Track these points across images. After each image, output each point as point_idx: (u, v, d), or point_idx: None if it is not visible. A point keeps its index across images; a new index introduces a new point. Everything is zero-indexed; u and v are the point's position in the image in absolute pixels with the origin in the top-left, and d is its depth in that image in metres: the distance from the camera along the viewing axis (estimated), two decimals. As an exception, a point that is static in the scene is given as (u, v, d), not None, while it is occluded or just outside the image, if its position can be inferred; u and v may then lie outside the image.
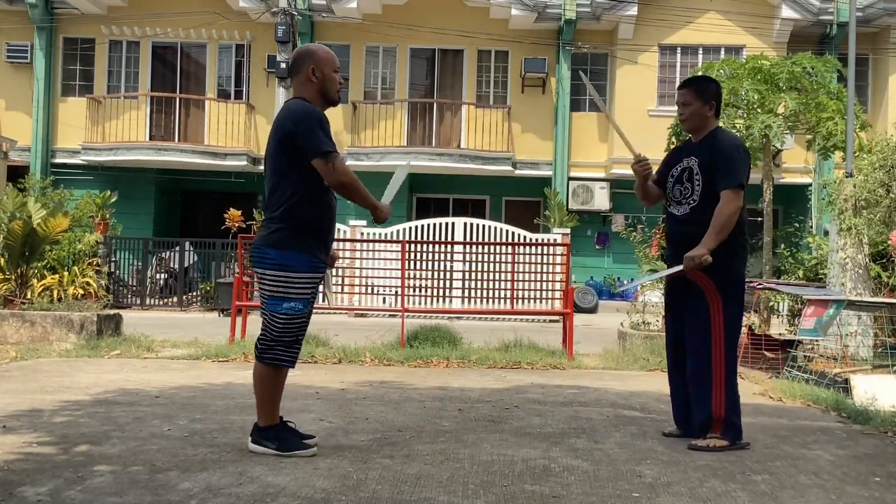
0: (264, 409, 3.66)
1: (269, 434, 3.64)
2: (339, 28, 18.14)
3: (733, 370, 4.06)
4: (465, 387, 5.95)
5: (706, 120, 4.18)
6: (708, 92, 4.19)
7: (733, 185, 3.97)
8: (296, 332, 3.63)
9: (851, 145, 9.45)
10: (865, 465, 3.77)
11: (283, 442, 3.62)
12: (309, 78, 3.66)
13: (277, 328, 3.59)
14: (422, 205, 19.38)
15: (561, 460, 3.69)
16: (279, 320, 3.58)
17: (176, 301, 15.37)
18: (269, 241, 3.59)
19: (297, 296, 3.58)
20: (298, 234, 3.57)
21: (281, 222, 3.57)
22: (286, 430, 3.70)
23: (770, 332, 8.90)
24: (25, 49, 18.07)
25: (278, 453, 3.59)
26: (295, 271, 3.57)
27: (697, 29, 17.33)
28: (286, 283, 3.57)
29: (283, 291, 3.57)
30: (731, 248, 4.01)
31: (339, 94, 3.80)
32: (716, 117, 4.22)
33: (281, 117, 3.63)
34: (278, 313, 3.58)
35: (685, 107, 4.21)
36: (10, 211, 9.04)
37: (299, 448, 3.63)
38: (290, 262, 3.56)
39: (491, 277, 10.29)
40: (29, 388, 5.40)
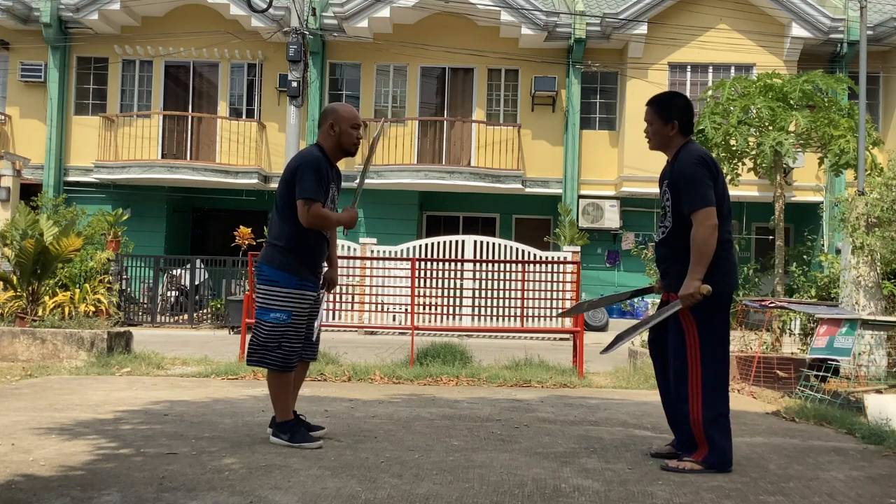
0: (277, 406, 4.25)
1: (283, 428, 4.21)
2: (351, 47, 18.25)
3: (717, 390, 3.89)
4: (475, 405, 5.91)
5: (669, 139, 4.08)
6: (669, 110, 4.06)
7: (699, 207, 3.81)
8: (278, 339, 4.15)
9: (863, 163, 9.41)
10: (880, 487, 3.72)
11: (294, 435, 4.19)
12: (328, 131, 4.28)
13: (263, 334, 4.17)
14: (432, 222, 19.39)
15: (571, 480, 3.66)
16: (265, 327, 4.16)
17: (186, 318, 15.39)
18: (265, 259, 4.23)
19: (280, 307, 4.14)
20: (288, 255, 4.17)
21: (276, 243, 4.21)
22: (299, 424, 4.28)
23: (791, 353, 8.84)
24: (39, 68, 18.24)
25: (290, 444, 4.15)
26: (281, 287, 4.15)
27: (707, 47, 17.34)
28: (273, 296, 4.16)
29: (270, 303, 4.16)
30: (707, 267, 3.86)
31: (356, 147, 4.35)
32: (682, 134, 4.07)
33: (294, 157, 4.28)
34: (265, 321, 4.17)
35: (648, 125, 4.14)
36: (22, 229, 9.09)
37: (307, 440, 4.19)
38: (278, 279, 4.16)
39: (501, 295, 10.28)
40: (38, 405, 5.40)
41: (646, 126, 4.17)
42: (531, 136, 18.21)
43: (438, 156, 18.00)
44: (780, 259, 10.46)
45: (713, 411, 3.85)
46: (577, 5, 17.71)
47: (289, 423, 4.22)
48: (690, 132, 4.09)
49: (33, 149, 18.08)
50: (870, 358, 7.99)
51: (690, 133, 4.09)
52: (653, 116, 4.11)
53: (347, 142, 4.28)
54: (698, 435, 3.89)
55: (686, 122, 4.07)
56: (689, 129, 4.08)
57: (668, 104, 4.11)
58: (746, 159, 11.15)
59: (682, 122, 4.07)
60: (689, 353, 3.91)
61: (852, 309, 7.96)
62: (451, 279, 10.99)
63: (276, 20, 17.13)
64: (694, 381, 3.89)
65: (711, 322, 3.91)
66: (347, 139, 4.28)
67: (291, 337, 4.16)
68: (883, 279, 8.30)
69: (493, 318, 10.66)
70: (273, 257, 4.17)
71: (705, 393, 3.86)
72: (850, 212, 8.44)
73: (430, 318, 11.55)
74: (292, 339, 4.16)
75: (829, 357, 6.92)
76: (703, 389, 3.87)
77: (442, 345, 8.61)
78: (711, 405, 3.86)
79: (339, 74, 18.82)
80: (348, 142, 4.29)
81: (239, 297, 13.78)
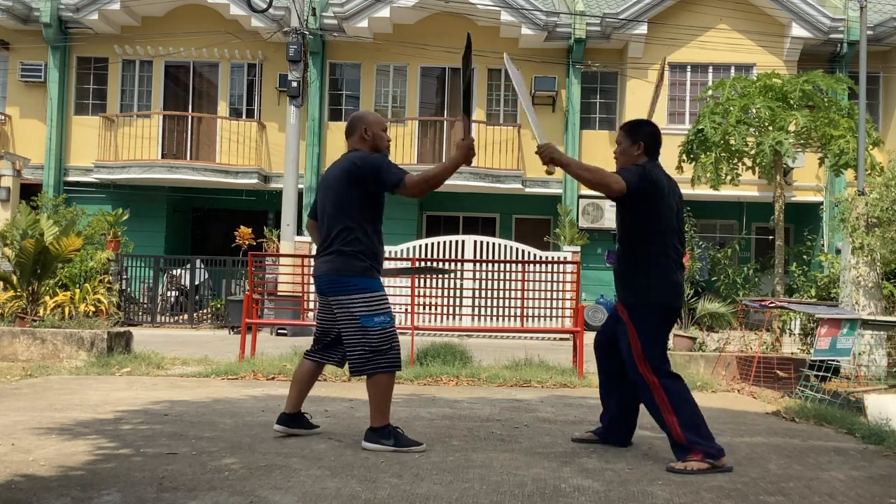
0: (382, 410, 4.20)
1: (384, 433, 4.17)
2: (351, 47, 18.25)
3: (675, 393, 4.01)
4: (475, 405, 5.91)
5: (634, 158, 4.26)
6: (638, 133, 4.28)
7: (624, 175, 4.06)
8: (389, 341, 4.19)
9: (863, 163, 9.42)
10: (881, 487, 3.72)
11: (399, 439, 4.17)
12: (362, 137, 4.38)
13: (374, 340, 4.16)
14: (432, 222, 19.39)
15: (571, 480, 3.66)
16: (374, 333, 4.17)
17: (186, 318, 15.39)
18: (346, 270, 4.21)
19: (382, 310, 4.20)
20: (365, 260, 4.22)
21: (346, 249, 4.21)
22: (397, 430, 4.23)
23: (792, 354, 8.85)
24: (39, 68, 18.24)
25: (397, 449, 4.11)
26: (374, 291, 4.22)
27: (707, 47, 17.34)
28: (373, 302, 4.20)
29: (371, 309, 4.19)
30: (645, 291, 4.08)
31: (388, 149, 4.47)
32: (648, 157, 4.26)
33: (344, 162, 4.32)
34: (373, 328, 4.17)
35: (617, 145, 4.37)
36: (22, 228, 9.09)
37: (413, 444, 4.18)
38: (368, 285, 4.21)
39: (501, 295, 10.28)
40: (38, 405, 5.40)
41: (615, 148, 4.41)
42: (531, 135, 18.19)
43: (438, 156, 17.99)
44: (780, 259, 10.48)
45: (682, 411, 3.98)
46: (577, 5, 17.71)
47: (389, 427, 4.19)
48: (656, 156, 4.30)
49: (33, 149, 18.08)
50: (870, 358, 8.00)
51: (656, 156, 4.30)
52: (622, 137, 4.35)
53: (381, 145, 4.40)
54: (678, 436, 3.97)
55: (652, 146, 4.28)
56: (654, 152, 4.29)
57: (637, 127, 4.36)
58: (746, 159, 11.17)
59: (648, 145, 4.27)
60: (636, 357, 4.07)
61: (852, 309, 7.96)
62: (450, 279, 10.97)
63: (276, 20, 17.13)
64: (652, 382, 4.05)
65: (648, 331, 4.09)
66: (381, 142, 4.40)
67: (396, 335, 4.24)
68: (883, 279, 8.30)
69: (493, 318, 10.65)
70: (353, 266, 4.17)
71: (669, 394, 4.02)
72: (850, 212, 8.44)
73: (430, 318, 11.55)
74: (397, 338, 4.24)
75: (831, 358, 6.92)
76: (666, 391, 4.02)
77: (442, 345, 8.61)
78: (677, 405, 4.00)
79: (339, 74, 18.82)
80: (382, 144, 4.40)
81: (239, 297, 13.77)
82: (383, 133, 4.43)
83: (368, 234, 4.22)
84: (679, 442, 3.97)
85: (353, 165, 4.23)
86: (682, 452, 3.96)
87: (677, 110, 17.65)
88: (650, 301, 4.09)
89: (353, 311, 4.15)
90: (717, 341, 9.36)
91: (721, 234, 18.06)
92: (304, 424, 4.54)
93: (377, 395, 4.17)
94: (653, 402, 4.05)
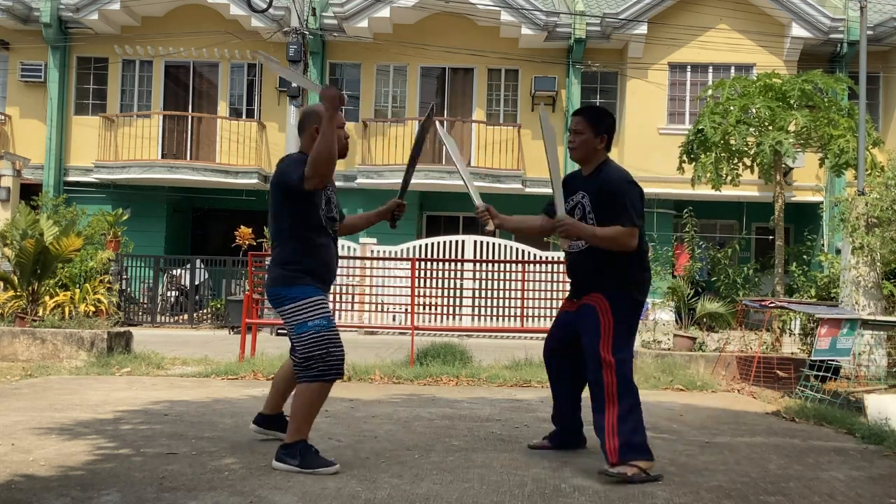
0: (302, 423, 3.81)
1: (293, 450, 3.75)
2: (351, 47, 18.24)
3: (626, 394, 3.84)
4: (475, 405, 5.91)
5: (596, 152, 4.10)
6: (602, 123, 4.10)
7: (627, 224, 3.86)
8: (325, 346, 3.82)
9: (863, 163, 9.41)
10: (881, 487, 3.72)
11: (305, 458, 3.72)
12: (313, 135, 3.86)
13: (307, 345, 3.82)
14: (432, 222, 19.38)
15: (571, 480, 3.66)
16: (307, 337, 3.83)
17: (186, 318, 15.38)
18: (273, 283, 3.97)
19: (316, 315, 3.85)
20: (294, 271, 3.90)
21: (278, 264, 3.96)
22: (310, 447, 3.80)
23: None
24: (39, 68, 18.23)
25: (300, 470, 3.68)
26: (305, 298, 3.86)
27: (707, 47, 17.33)
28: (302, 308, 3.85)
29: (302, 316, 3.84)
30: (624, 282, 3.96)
31: (346, 150, 3.99)
32: (606, 151, 4.13)
33: (278, 168, 3.95)
34: (305, 332, 3.83)
35: (576, 135, 4.12)
36: (22, 229, 9.09)
37: (322, 465, 3.72)
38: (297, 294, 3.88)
39: (501, 295, 10.28)
40: (38, 405, 5.40)
41: (572, 135, 4.16)
42: (531, 136, 18.19)
43: (438, 156, 17.98)
44: (780, 259, 10.47)
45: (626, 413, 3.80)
46: (577, 5, 17.70)
47: (301, 444, 3.78)
48: (610, 150, 4.18)
49: (33, 149, 18.07)
50: (870, 358, 7.99)
51: (610, 151, 4.18)
52: (584, 125, 4.10)
53: (337, 144, 3.88)
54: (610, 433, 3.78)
55: (611, 139, 4.15)
56: (611, 147, 4.17)
57: (601, 117, 4.16)
58: (746, 159, 11.17)
59: (609, 139, 4.13)
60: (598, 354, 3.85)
61: (852, 309, 7.96)
62: (451, 279, 10.97)
63: (276, 20, 17.12)
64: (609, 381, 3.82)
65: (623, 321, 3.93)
66: (337, 142, 3.88)
67: (337, 342, 3.87)
68: (883, 279, 8.30)
69: (493, 318, 10.65)
70: (282, 276, 3.88)
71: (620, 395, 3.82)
72: (850, 212, 8.44)
73: (430, 318, 11.55)
74: (339, 344, 3.87)
75: (831, 358, 6.92)
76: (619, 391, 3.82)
77: (442, 345, 8.61)
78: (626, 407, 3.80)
79: (339, 74, 18.81)
80: (338, 144, 3.88)
81: (239, 297, 13.77)
82: (339, 131, 3.91)
83: (302, 242, 3.89)
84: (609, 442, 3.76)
85: (274, 176, 3.93)
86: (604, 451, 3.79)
87: (677, 110, 17.64)
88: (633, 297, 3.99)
89: (289, 321, 3.86)
90: (717, 341, 9.36)
91: (721, 234, 18.05)
92: (282, 427, 4.27)
93: (297, 407, 3.80)
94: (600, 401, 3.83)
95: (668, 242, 15.79)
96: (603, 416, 3.79)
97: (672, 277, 10.62)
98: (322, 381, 3.79)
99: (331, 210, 4.05)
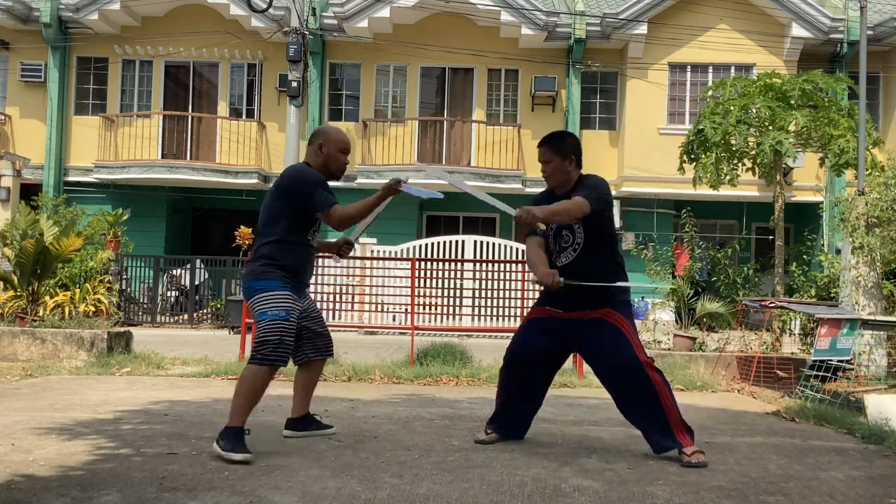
0: (238, 409, 4.01)
1: (227, 434, 3.92)
2: (351, 47, 18.24)
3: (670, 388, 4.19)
4: (475, 405, 5.92)
5: (568, 174, 4.28)
6: (566, 147, 4.28)
7: (585, 196, 4.02)
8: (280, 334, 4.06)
9: (863, 162, 9.41)
10: (881, 487, 3.72)
11: (226, 441, 3.89)
12: (317, 151, 4.28)
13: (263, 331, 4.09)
14: (432, 223, 19.38)
15: (571, 480, 3.66)
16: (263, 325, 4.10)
17: (186, 318, 15.38)
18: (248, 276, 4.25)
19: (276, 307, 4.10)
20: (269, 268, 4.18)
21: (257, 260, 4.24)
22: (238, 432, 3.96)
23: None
24: (39, 68, 18.23)
25: (222, 453, 3.86)
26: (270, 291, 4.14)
27: (707, 47, 17.33)
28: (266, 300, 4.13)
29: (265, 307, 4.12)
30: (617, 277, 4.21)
31: (341, 173, 4.37)
32: (577, 168, 4.30)
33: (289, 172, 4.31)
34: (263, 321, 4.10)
35: (546, 164, 4.30)
36: (22, 229, 9.09)
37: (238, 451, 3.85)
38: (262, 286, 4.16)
39: (501, 295, 10.28)
40: (38, 405, 5.40)
41: (543, 166, 4.33)
42: (531, 135, 18.17)
43: (438, 156, 17.99)
44: (780, 259, 10.47)
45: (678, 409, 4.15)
46: (577, 5, 17.70)
47: (232, 430, 3.92)
48: (581, 166, 4.34)
49: (33, 149, 18.07)
50: (870, 358, 8.00)
51: (581, 167, 4.33)
52: (551, 155, 4.29)
53: (334, 165, 4.30)
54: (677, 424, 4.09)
55: (579, 157, 4.32)
56: (580, 162, 4.33)
57: (563, 141, 4.34)
58: (746, 159, 11.17)
59: (578, 158, 4.31)
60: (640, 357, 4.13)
61: (852, 309, 7.96)
62: (451, 279, 10.97)
63: (276, 20, 17.12)
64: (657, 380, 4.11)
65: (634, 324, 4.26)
66: (335, 163, 4.29)
67: (289, 332, 4.08)
68: (883, 279, 8.30)
69: (494, 318, 10.65)
70: (255, 270, 4.15)
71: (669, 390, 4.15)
72: (850, 212, 8.44)
73: (430, 318, 11.55)
74: (290, 335, 4.09)
75: (833, 358, 6.92)
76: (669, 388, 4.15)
77: (442, 345, 8.61)
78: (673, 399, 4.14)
79: (339, 74, 18.82)
80: (335, 166, 4.30)
81: (239, 297, 13.76)
82: (340, 154, 4.30)
83: (285, 245, 4.15)
84: (679, 433, 4.06)
85: (283, 179, 4.22)
86: (675, 441, 4.06)
87: (677, 110, 17.64)
88: (628, 299, 4.32)
89: (254, 310, 4.12)
90: (717, 341, 9.36)
91: (721, 234, 18.05)
92: (316, 424, 4.53)
93: (238, 388, 4.03)
94: (656, 399, 4.07)
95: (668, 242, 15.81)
96: (662, 409, 4.07)
97: (672, 277, 10.62)
98: (268, 365, 4.03)
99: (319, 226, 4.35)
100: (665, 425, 4.08)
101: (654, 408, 4.09)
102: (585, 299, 4.19)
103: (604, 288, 4.15)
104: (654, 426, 4.13)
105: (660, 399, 4.07)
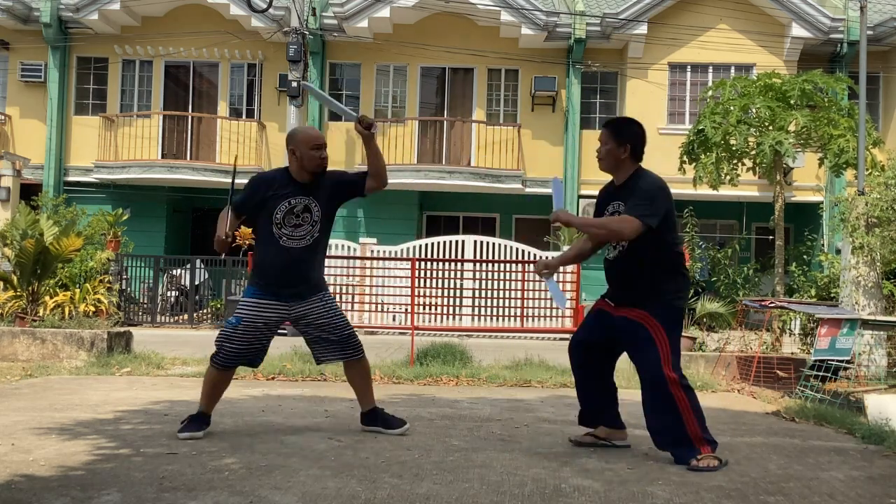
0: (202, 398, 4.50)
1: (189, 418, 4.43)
2: (351, 47, 18.24)
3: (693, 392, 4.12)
4: (475, 405, 5.91)
5: (620, 161, 4.18)
6: (624, 134, 4.18)
7: (637, 214, 3.94)
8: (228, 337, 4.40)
9: (863, 162, 9.41)
10: (881, 487, 3.72)
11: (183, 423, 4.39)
12: (291, 156, 4.45)
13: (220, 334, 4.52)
14: (432, 223, 19.38)
15: (571, 480, 3.65)
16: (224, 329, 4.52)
17: (186, 318, 15.38)
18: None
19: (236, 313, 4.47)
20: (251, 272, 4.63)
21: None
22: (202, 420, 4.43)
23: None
24: (39, 68, 18.23)
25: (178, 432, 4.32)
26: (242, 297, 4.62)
27: (707, 47, 17.33)
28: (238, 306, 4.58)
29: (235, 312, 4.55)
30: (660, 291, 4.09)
31: (320, 167, 4.45)
32: (633, 160, 4.19)
33: None
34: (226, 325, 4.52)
35: (602, 146, 4.24)
36: (22, 229, 9.09)
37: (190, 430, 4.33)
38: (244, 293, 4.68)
39: (501, 295, 10.28)
40: (38, 405, 5.40)
41: (598, 146, 4.27)
42: (531, 136, 18.20)
43: (438, 156, 17.99)
44: (780, 259, 10.48)
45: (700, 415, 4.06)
46: (577, 5, 17.70)
47: (193, 415, 4.43)
48: (640, 159, 4.23)
49: (33, 149, 18.07)
50: (870, 358, 8.00)
51: (640, 160, 4.23)
52: (607, 137, 4.22)
53: (310, 164, 4.40)
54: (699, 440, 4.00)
55: (638, 147, 4.20)
56: (639, 155, 4.21)
57: (623, 127, 4.26)
58: (746, 159, 11.17)
59: (634, 147, 4.18)
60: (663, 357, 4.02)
61: (852, 309, 7.96)
62: (451, 279, 10.98)
63: (276, 20, 17.13)
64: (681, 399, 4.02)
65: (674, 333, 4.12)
66: (309, 162, 4.39)
67: (235, 340, 4.36)
68: (883, 279, 8.30)
69: (494, 318, 10.65)
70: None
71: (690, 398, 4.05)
72: (850, 212, 8.44)
73: (430, 318, 11.55)
74: (235, 343, 4.36)
75: (832, 358, 6.92)
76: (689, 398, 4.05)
77: (442, 345, 8.60)
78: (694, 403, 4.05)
79: (339, 74, 18.82)
80: (311, 164, 4.40)
81: (239, 296, 13.76)
82: (312, 152, 4.39)
83: (258, 251, 4.52)
84: (695, 440, 3.99)
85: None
86: (694, 451, 3.97)
87: (677, 110, 17.65)
88: (677, 305, 4.16)
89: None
90: (717, 341, 9.36)
91: (721, 234, 18.05)
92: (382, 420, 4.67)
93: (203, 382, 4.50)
94: (678, 419, 4.00)
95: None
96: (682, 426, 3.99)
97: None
98: (214, 367, 4.40)
99: (292, 220, 4.40)
100: (685, 439, 4.00)
101: (671, 425, 4.00)
102: (622, 296, 4.19)
103: (644, 290, 4.09)
104: (671, 441, 4.05)
105: (682, 419, 3.98)
